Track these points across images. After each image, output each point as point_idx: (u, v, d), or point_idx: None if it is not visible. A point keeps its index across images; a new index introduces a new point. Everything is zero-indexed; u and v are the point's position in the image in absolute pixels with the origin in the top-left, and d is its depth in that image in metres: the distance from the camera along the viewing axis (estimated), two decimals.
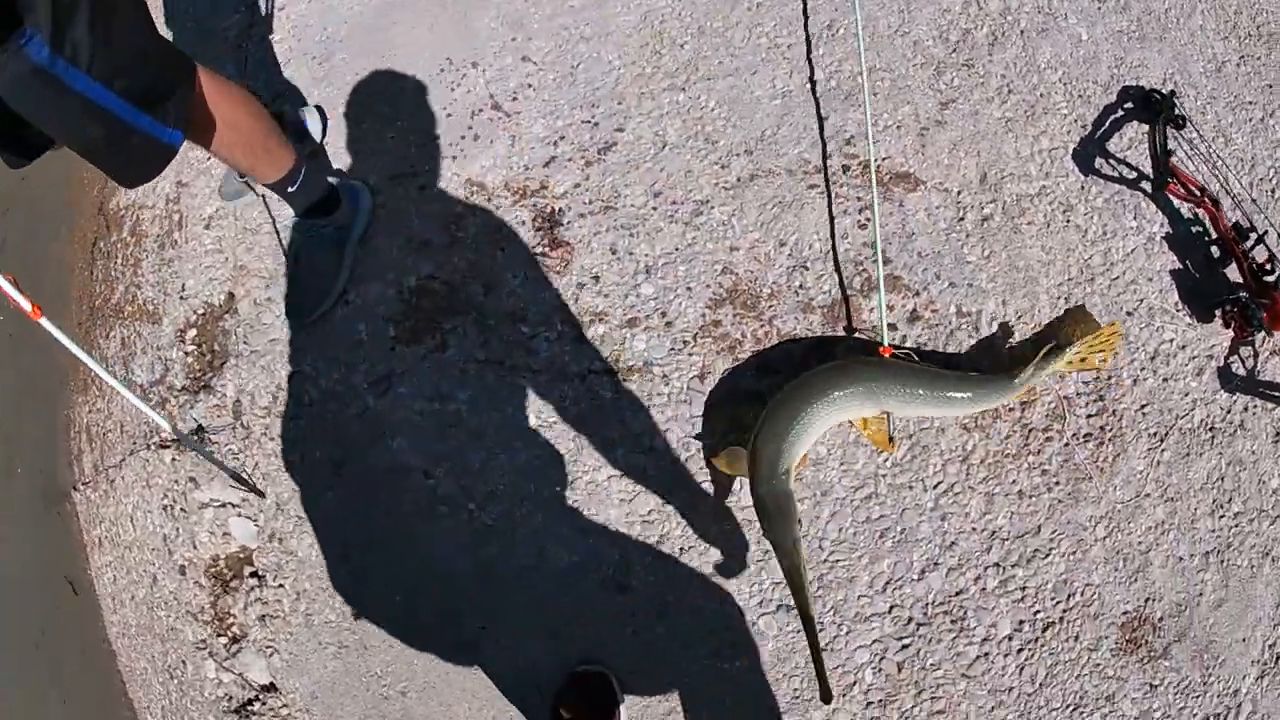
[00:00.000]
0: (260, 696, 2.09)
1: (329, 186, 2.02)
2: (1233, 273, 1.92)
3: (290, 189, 1.91)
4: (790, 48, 2.08)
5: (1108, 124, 2.00)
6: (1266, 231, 1.86)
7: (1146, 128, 1.98)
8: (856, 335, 1.86)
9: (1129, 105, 2.01)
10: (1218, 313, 1.90)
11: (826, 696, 1.54)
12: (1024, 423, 1.86)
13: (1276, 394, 1.90)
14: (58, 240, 2.62)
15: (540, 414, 1.94)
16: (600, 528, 1.88)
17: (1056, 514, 1.82)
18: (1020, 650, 1.77)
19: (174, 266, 2.31)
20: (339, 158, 2.20)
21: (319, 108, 2.20)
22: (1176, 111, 1.93)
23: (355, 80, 2.25)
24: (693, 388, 1.90)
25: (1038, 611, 1.78)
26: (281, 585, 2.09)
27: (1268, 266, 1.83)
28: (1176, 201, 1.96)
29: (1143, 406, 1.87)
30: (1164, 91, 1.95)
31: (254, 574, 2.13)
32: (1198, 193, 1.89)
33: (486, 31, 2.23)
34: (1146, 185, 1.97)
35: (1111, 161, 1.98)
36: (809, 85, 2.05)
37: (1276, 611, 1.82)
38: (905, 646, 1.77)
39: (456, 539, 1.94)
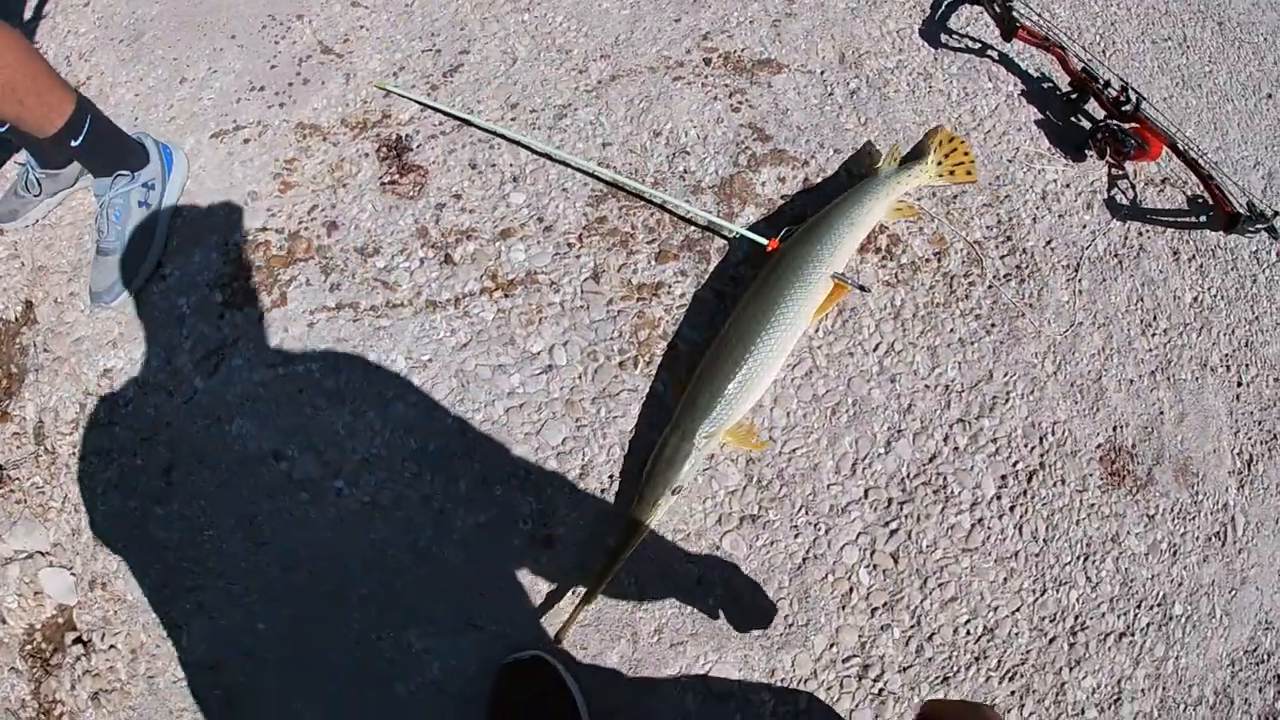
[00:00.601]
0: None
1: (126, 136, 1.37)
2: (1091, 114, 1.60)
3: (74, 142, 1.27)
4: None
5: (944, 8, 1.68)
6: (1109, 80, 1.55)
7: (978, 9, 1.68)
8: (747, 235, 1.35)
9: None
10: (1089, 151, 1.55)
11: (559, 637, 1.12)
12: (944, 271, 1.40)
13: (1162, 217, 1.55)
14: None
15: (412, 354, 1.30)
16: (506, 472, 1.23)
17: (1003, 356, 1.34)
18: (1013, 508, 1.24)
19: None
20: (151, 128, 1.55)
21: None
22: None
23: (167, 54, 1.63)
24: (588, 290, 1.33)
25: (1016, 462, 1.27)
26: (113, 646, 1.29)
27: (1122, 99, 1.51)
28: (1024, 57, 1.65)
29: (1048, 242, 1.46)
30: None
31: (78, 640, 1.31)
32: (1042, 39, 1.57)
33: None
34: (993, 53, 1.65)
35: (955, 36, 1.65)
36: None
37: (1232, 419, 1.40)
38: (894, 532, 1.20)
39: (327, 529, 1.23)
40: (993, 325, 1.37)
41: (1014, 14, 1.57)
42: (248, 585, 1.24)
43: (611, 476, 1.23)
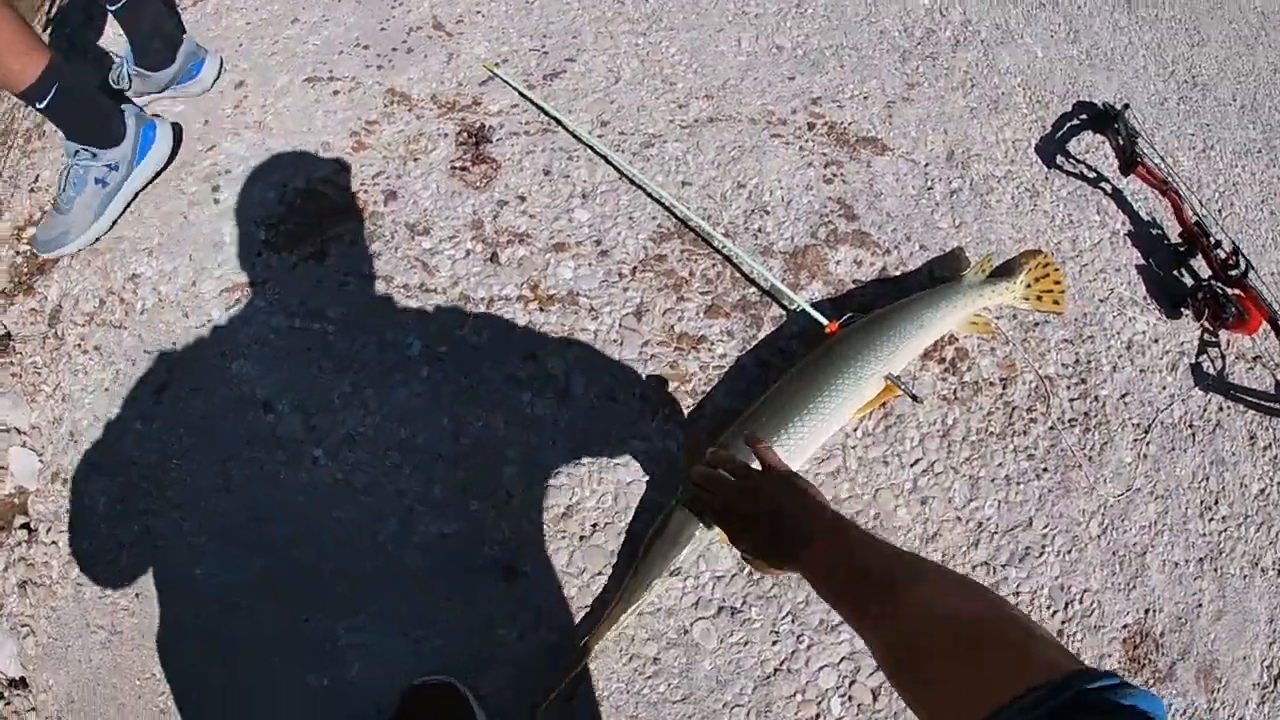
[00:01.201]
0: (4, 694, 1.18)
1: (101, 112, 1.32)
2: (1195, 272, 1.49)
3: (39, 105, 1.22)
4: (758, 17, 1.62)
5: (1065, 129, 1.59)
6: (1220, 240, 1.43)
7: (1101, 138, 1.59)
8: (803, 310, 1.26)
9: (1084, 117, 1.62)
10: (1186, 310, 1.43)
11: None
12: (1006, 400, 1.28)
13: (1246, 397, 1.40)
14: None
15: (430, 342, 1.23)
16: (488, 490, 1.14)
17: (1047, 505, 1.21)
18: None
19: (34, 158, 1.53)
20: (251, 58, 1.54)
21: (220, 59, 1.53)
22: (1130, 123, 1.54)
23: None
24: (626, 325, 1.24)
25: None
26: (55, 543, 1.24)
27: (1231, 261, 1.39)
28: (1137, 198, 1.54)
29: (1123, 395, 1.33)
30: (1118, 106, 1.57)
31: (25, 525, 1.27)
32: (1161, 182, 1.47)
33: None
34: (1106, 186, 1.54)
35: (1072, 160, 1.55)
36: (775, 50, 1.57)
37: (1270, 628, 1.24)
38: None
39: (292, 495, 1.16)
40: (1045, 470, 1.24)
41: (1137, 150, 1.47)
42: (200, 525, 1.16)
43: (595, 525, 1.13)
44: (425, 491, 1.14)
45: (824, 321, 1.21)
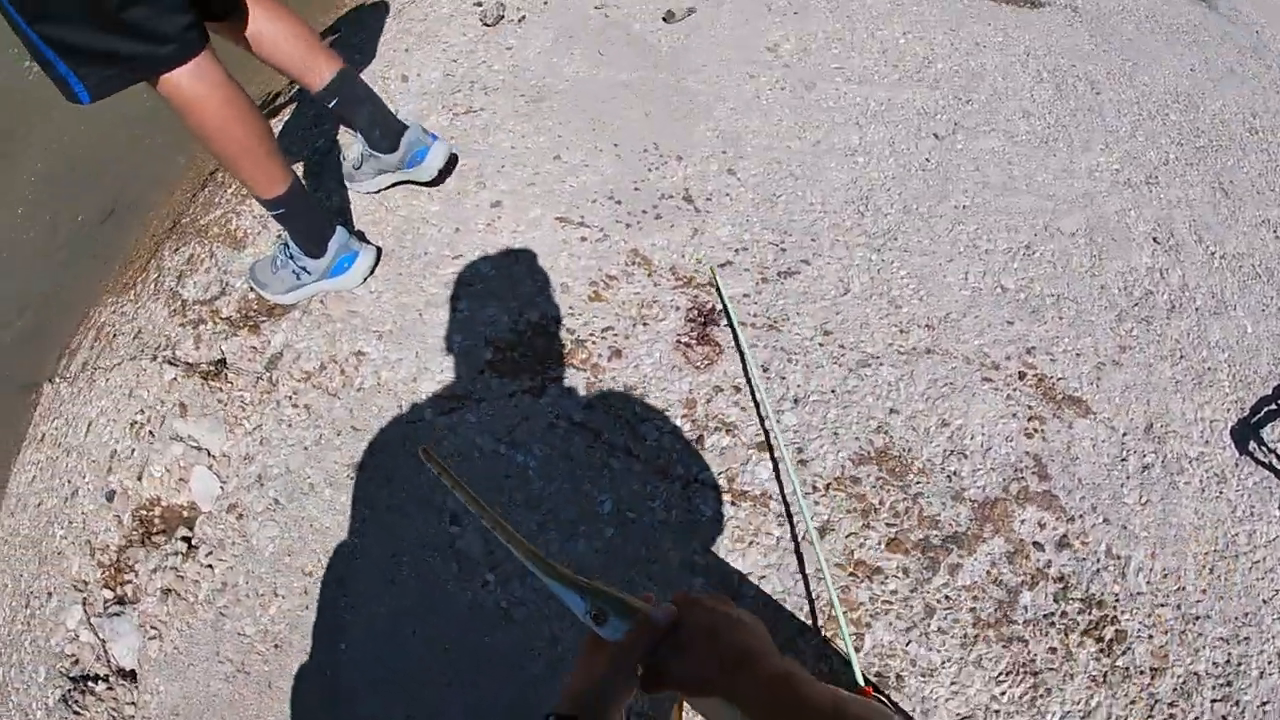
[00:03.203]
0: (110, 680, 1.56)
1: (315, 232, 1.76)
2: None
3: (270, 213, 1.70)
4: (987, 252, 1.93)
5: (1263, 413, 1.80)
6: None
7: None
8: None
9: None
10: None
11: None
12: (1152, 692, 1.42)
13: None
14: (172, 165, 2.38)
15: (621, 506, 1.52)
16: None
17: None
18: None
19: None
20: (511, 181, 1.99)
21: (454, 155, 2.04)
22: None
23: (554, 128, 2.13)
24: (809, 540, 1.48)
25: None
26: (210, 566, 1.60)
27: None
28: None
29: (1264, 704, 1.45)
30: None
31: (186, 539, 1.65)
32: None
33: (700, 137, 2.14)
34: None
35: (1263, 449, 1.75)
36: (999, 289, 1.85)
37: None
38: None
39: (455, 607, 1.46)
40: None
41: None
42: (357, 604, 1.48)
43: None
44: (579, 643, 1.38)
45: (860, 682, 1.33)
